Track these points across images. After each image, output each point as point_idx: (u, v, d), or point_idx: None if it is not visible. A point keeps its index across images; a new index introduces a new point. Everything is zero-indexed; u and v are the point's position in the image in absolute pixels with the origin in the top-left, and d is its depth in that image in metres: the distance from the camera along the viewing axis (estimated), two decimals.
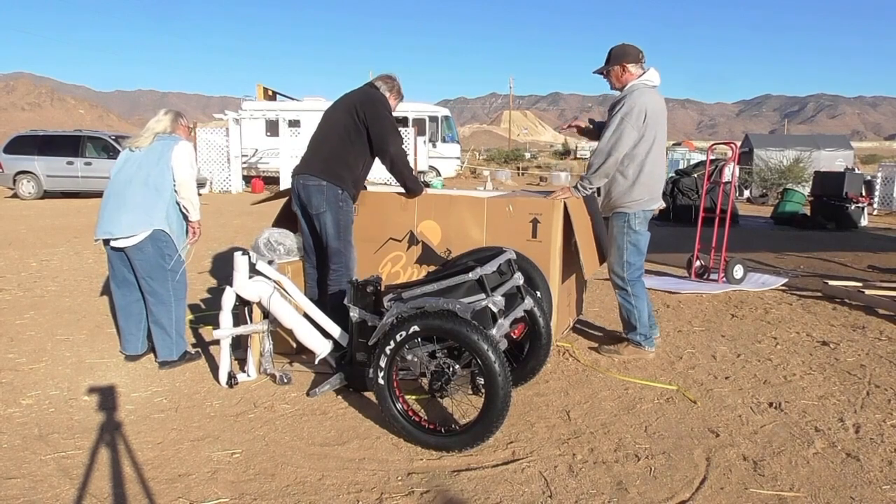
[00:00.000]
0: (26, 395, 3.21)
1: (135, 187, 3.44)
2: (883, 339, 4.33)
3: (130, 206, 3.41)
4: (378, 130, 3.54)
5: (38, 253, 7.36)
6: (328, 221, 3.56)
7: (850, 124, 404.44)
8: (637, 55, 3.64)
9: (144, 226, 3.40)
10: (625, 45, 3.68)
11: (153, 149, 3.52)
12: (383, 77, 3.81)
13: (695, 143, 32.82)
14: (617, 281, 3.82)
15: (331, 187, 3.53)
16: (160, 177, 3.46)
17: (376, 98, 3.64)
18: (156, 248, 3.45)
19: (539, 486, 2.38)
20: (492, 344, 2.52)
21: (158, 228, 3.43)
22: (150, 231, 3.41)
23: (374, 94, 3.68)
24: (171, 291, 3.55)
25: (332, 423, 2.92)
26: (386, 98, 3.70)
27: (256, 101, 21.70)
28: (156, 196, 3.45)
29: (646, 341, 3.86)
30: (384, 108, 3.61)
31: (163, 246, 3.47)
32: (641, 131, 3.54)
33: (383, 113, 3.58)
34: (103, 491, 2.32)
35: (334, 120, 3.62)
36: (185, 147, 3.55)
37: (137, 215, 3.40)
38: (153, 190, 3.44)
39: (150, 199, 3.43)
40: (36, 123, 64.35)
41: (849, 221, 11.79)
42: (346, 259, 3.61)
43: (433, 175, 19.84)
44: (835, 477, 2.45)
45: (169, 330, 3.56)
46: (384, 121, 3.56)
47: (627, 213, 3.69)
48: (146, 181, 3.45)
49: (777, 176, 19.34)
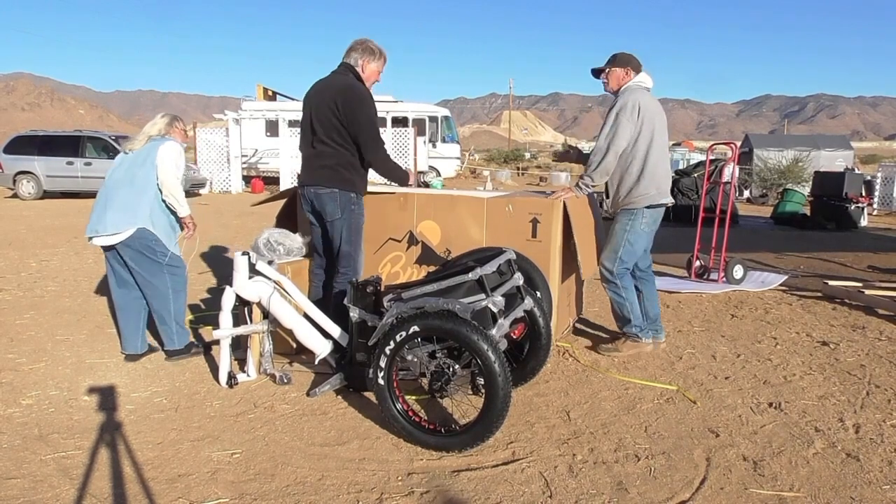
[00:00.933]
0: (26, 395, 3.21)
1: (122, 188, 3.56)
2: (883, 339, 4.33)
3: (116, 206, 3.52)
4: (360, 138, 3.42)
5: (37, 253, 7.36)
6: (343, 227, 3.51)
7: (850, 124, 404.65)
8: (639, 66, 3.78)
9: (128, 224, 3.49)
10: (630, 54, 3.80)
11: (142, 150, 3.62)
12: (352, 47, 3.53)
13: (695, 143, 32.82)
14: (605, 274, 3.84)
15: (343, 193, 3.48)
16: (145, 177, 3.55)
17: (355, 97, 3.40)
18: (142, 244, 3.53)
19: (539, 486, 2.38)
20: (492, 344, 2.52)
21: (142, 227, 3.52)
22: (134, 230, 3.50)
23: (352, 89, 3.42)
24: (169, 284, 3.62)
25: (332, 424, 2.92)
26: (365, 92, 3.46)
27: (256, 102, 21.70)
28: (140, 195, 3.53)
29: (642, 333, 3.88)
30: (363, 108, 3.40)
31: (149, 242, 3.54)
32: (638, 126, 3.61)
33: (362, 117, 3.40)
34: (103, 491, 2.32)
35: (323, 120, 3.44)
36: (169, 147, 3.60)
37: (121, 214, 3.50)
38: (138, 189, 3.54)
39: (134, 198, 3.53)
40: (36, 123, 64.30)
41: (849, 221, 11.79)
42: (355, 262, 3.58)
43: (433, 175, 19.83)
44: (835, 477, 2.45)
45: (169, 322, 3.65)
46: (363, 126, 3.41)
47: (634, 210, 3.71)
48: (133, 181, 3.55)
49: (777, 176, 19.34)
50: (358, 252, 3.60)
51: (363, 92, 3.47)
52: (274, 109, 19.95)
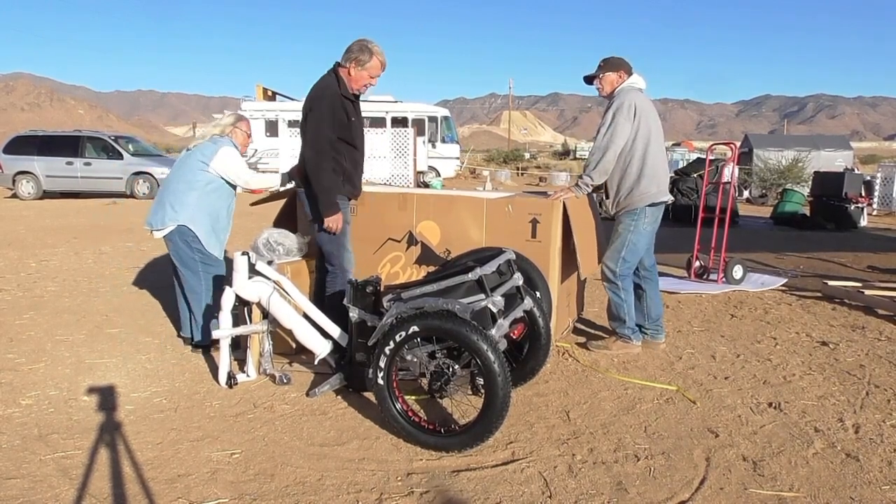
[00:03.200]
0: (26, 395, 3.21)
1: (171, 184, 3.74)
2: (883, 339, 4.33)
3: (163, 202, 3.69)
4: (302, 129, 3.44)
5: (37, 253, 7.36)
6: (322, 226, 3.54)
7: (850, 124, 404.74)
8: (630, 69, 3.82)
9: (170, 221, 3.64)
10: (621, 58, 3.85)
11: (197, 149, 3.74)
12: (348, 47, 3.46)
13: (694, 143, 32.83)
14: (608, 274, 3.85)
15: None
16: (192, 175, 3.68)
17: (315, 92, 3.40)
18: (182, 241, 3.66)
19: (539, 486, 2.38)
20: (491, 344, 2.52)
21: (183, 225, 3.64)
22: (174, 226, 3.64)
23: (318, 88, 3.41)
24: (203, 282, 3.74)
25: (331, 424, 2.92)
26: (329, 91, 3.38)
27: (256, 102, 21.69)
28: (185, 193, 3.66)
29: (634, 335, 3.91)
30: (316, 103, 3.36)
31: (189, 240, 3.66)
32: (635, 125, 3.64)
33: (311, 112, 3.37)
34: (103, 491, 2.32)
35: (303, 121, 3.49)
36: (224, 151, 3.70)
37: (166, 211, 3.66)
38: (184, 187, 3.67)
39: (179, 195, 3.66)
40: (35, 123, 64.27)
41: (848, 221, 11.79)
42: (341, 260, 3.59)
43: (433, 175, 19.83)
44: (834, 477, 2.46)
45: (197, 316, 3.78)
46: (308, 120, 3.39)
47: (636, 211, 3.72)
48: (181, 178, 3.71)
49: (776, 176, 19.34)
50: (341, 251, 3.59)
51: (324, 91, 3.39)
52: (274, 109, 19.95)
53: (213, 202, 3.74)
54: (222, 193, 3.78)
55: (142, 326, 4.41)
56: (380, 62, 3.45)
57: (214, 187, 3.72)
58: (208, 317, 3.74)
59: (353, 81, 3.45)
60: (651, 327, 4.00)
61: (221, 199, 3.79)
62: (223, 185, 3.76)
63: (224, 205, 3.82)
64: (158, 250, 7.63)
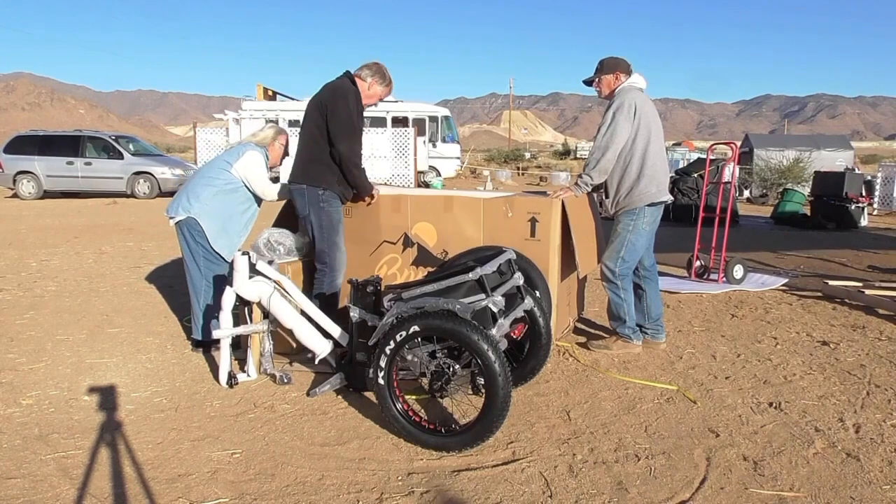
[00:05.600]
0: (26, 395, 3.21)
1: (194, 178, 3.82)
2: (883, 339, 4.33)
3: (183, 193, 3.75)
4: (332, 127, 3.47)
5: (37, 253, 7.36)
6: (312, 223, 3.60)
7: (850, 124, 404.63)
8: (628, 68, 3.82)
9: (183, 211, 3.67)
10: (617, 57, 3.84)
11: (229, 150, 3.84)
12: (368, 64, 3.67)
13: (695, 143, 32.82)
14: (607, 273, 3.85)
15: (311, 189, 3.55)
16: (214, 172, 3.74)
17: (339, 91, 3.51)
18: (189, 233, 3.67)
19: (539, 486, 2.38)
20: (492, 344, 2.52)
21: (192, 217, 3.64)
22: (185, 217, 3.65)
23: (340, 86, 3.55)
24: (203, 277, 3.74)
25: (332, 423, 2.92)
26: (352, 90, 3.55)
27: (256, 101, 21.67)
28: (204, 187, 3.70)
29: (634, 335, 3.91)
30: (344, 102, 3.48)
31: (195, 234, 3.67)
32: (635, 125, 3.64)
33: (340, 109, 3.46)
34: (103, 491, 2.32)
35: (308, 119, 3.57)
36: (250, 155, 3.74)
37: (181, 201, 3.69)
38: (204, 182, 3.72)
39: (198, 189, 3.70)
40: (36, 123, 64.27)
41: (849, 221, 11.78)
42: (331, 259, 3.62)
43: (433, 175, 19.82)
44: (835, 477, 2.45)
45: (197, 312, 3.77)
46: (339, 117, 3.46)
47: (636, 210, 3.72)
48: (205, 174, 3.78)
49: (777, 176, 19.33)
50: (333, 250, 3.61)
51: (348, 88, 3.55)
52: (274, 109, 19.93)
53: (229, 202, 3.73)
54: (240, 196, 3.77)
55: (142, 326, 4.42)
56: (390, 88, 3.74)
57: (233, 188, 3.73)
58: (208, 315, 3.73)
59: (368, 96, 3.64)
60: (651, 327, 4.00)
61: (238, 202, 3.77)
62: (242, 187, 3.76)
63: (241, 208, 3.80)
64: (159, 250, 7.63)
